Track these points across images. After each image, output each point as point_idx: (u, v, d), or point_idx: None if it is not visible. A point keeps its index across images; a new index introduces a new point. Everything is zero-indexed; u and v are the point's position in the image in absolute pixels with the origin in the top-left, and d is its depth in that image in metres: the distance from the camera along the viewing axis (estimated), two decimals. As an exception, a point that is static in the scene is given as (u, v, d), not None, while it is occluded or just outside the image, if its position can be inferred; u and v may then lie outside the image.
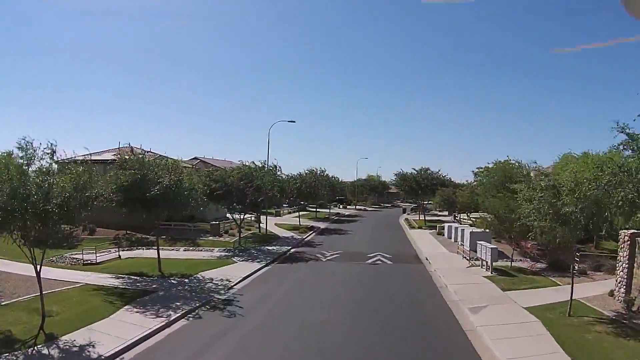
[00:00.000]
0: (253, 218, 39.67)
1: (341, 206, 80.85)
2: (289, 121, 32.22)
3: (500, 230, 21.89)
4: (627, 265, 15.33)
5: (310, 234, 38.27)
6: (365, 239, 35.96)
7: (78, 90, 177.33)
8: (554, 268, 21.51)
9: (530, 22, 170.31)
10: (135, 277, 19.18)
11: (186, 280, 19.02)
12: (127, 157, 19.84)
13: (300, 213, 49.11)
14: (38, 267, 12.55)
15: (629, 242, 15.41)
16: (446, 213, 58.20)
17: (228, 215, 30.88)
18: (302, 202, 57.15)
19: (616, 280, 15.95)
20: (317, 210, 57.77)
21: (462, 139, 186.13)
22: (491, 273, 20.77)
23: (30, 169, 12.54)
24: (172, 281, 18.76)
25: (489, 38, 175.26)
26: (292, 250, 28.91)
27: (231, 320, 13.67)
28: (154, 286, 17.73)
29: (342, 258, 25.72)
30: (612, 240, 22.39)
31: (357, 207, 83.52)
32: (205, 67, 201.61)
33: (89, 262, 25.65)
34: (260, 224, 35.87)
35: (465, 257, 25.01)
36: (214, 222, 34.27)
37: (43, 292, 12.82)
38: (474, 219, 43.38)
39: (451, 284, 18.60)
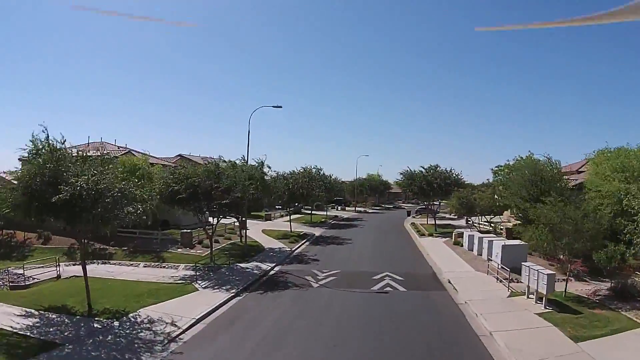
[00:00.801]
0: (237, 223, 33.83)
1: (339, 208, 75.06)
2: (273, 106, 26.19)
3: (556, 248, 16.13)
4: None
5: (301, 244, 32.17)
6: (367, 250, 30.01)
7: (77, 90, 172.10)
8: (620, 296, 16.60)
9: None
10: (52, 315, 14.32)
11: (116, 323, 13.56)
12: (39, 147, 14.03)
13: (293, 217, 43.10)
14: None
15: None
16: (455, 216, 52.21)
17: (210, 219, 25.35)
18: (297, 204, 51.19)
19: None
20: (313, 213, 52.00)
21: (461, 139, 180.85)
22: (545, 308, 15.12)
23: None
24: (96, 325, 13.50)
25: (488, 38, 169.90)
26: (277, 268, 22.96)
27: None
28: (65, 334, 12.77)
29: (339, 282, 19.75)
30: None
31: (357, 208, 77.48)
32: (205, 67, 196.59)
33: (18, 283, 20.53)
34: (242, 231, 29.77)
35: (499, 279, 19.34)
36: (185, 231, 28.49)
37: None
38: (493, 225, 37.78)
39: (497, 331, 12.86)
